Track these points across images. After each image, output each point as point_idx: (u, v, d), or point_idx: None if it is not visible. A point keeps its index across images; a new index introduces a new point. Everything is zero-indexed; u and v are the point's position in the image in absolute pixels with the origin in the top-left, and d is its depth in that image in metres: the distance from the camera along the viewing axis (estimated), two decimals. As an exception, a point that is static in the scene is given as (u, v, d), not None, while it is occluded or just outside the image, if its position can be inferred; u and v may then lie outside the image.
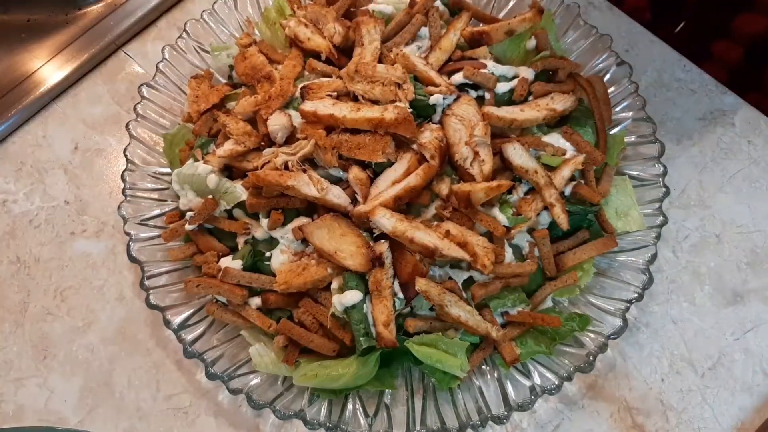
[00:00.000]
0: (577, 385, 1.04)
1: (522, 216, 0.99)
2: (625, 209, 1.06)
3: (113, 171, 1.24)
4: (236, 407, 1.04)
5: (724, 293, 1.10)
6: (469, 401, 0.97)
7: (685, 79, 1.26)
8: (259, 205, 1.01)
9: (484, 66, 1.07)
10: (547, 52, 1.13)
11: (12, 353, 1.10)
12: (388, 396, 1.00)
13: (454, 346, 0.95)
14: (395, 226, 0.93)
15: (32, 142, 1.27)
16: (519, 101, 1.07)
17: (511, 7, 1.24)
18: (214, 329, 1.03)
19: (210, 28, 1.22)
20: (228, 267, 0.99)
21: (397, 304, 0.95)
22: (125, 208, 1.07)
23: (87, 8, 1.36)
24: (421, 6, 1.15)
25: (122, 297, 1.13)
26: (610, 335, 0.96)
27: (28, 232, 1.19)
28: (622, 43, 1.28)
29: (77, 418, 1.05)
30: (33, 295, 1.14)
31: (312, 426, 0.93)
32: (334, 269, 0.96)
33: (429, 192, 0.99)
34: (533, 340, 1.00)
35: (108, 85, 1.32)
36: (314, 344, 0.96)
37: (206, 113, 1.13)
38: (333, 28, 1.12)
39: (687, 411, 1.03)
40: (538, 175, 1.00)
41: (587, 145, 1.04)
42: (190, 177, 1.05)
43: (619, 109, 1.13)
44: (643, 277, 1.00)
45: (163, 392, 1.06)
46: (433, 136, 0.97)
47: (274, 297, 0.99)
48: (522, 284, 0.99)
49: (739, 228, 1.14)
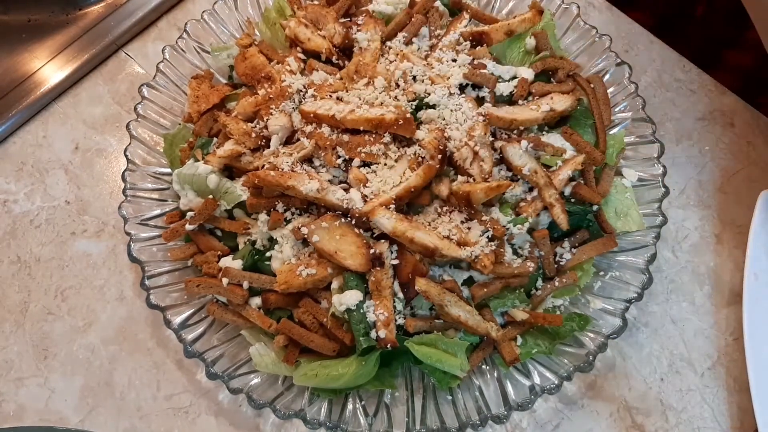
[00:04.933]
0: (576, 385, 1.04)
1: (522, 216, 0.99)
2: (625, 209, 1.06)
3: (114, 171, 1.24)
4: (236, 407, 1.04)
5: (724, 293, 1.10)
6: (469, 401, 0.97)
7: (685, 79, 1.26)
8: (259, 205, 1.01)
9: (484, 66, 1.07)
10: (546, 53, 1.13)
11: (13, 353, 1.10)
12: (388, 396, 1.00)
13: (454, 346, 0.95)
14: (395, 226, 0.93)
15: (33, 142, 1.27)
16: (519, 101, 1.07)
17: (511, 7, 1.24)
18: (214, 329, 1.03)
19: (210, 28, 1.22)
20: (228, 267, 1.00)
21: (397, 304, 0.95)
22: (126, 208, 1.07)
23: (87, 8, 1.36)
24: (421, 6, 1.15)
25: (123, 297, 1.13)
26: (609, 335, 0.97)
27: (28, 232, 1.19)
28: (622, 44, 1.28)
29: (78, 417, 1.06)
30: (34, 294, 1.14)
31: (312, 425, 0.93)
32: (334, 269, 0.96)
33: (429, 192, 0.99)
34: (533, 339, 1.00)
35: (108, 85, 1.32)
36: (314, 344, 0.96)
37: (206, 113, 1.13)
38: (333, 29, 1.12)
39: (686, 411, 1.03)
40: (538, 175, 1.00)
41: (587, 145, 1.04)
42: (190, 177, 1.05)
43: (618, 109, 1.13)
44: (642, 277, 1.01)
45: (163, 392, 1.06)
46: (433, 136, 0.97)
47: (275, 297, 0.99)
48: (522, 284, 1.00)
49: (739, 228, 1.14)
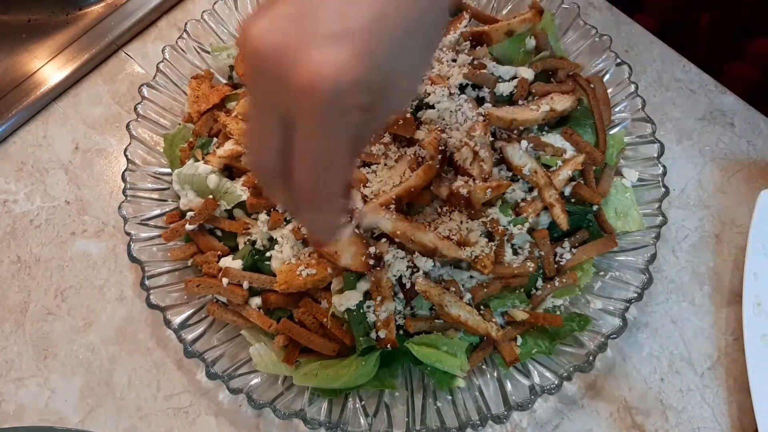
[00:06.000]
0: (576, 385, 1.04)
1: (522, 216, 0.99)
2: (625, 209, 1.06)
3: (114, 171, 1.24)
4: (236, 407, 1.04)
5: (724, 293, 1.10)
6: (469, 401, 0.97)
7: (685, 79, 1.26)
8: (259, 205, 1.01)
9: (484, 66, 1.07)
10: (546, 53, 1.13)
11: (12, 353, 1.10)
12: (388, 396, 1.00)
13: (454, 346, 0.95)
14: (395, 226, 0.93)
15: (33, 142, 1.27)
16: (519, 101, 1.07)
17: (511, 7, 1.24)
18: (214, 329, 1.03)
19: (210, 28, 1.22)
20: (228, 267, 1.00)
21: (397, 304, 0.95)
22: (126, 208, 1.07)
23: (87, 8, 1.35)
24: (421, 6, 1.15)
25: (123, 297, 1.13)
26: (609, 335, 0.97)
27: (28, 232, 1.19)
28: (622, 44, 1.28)
29: (78, 417, 1.06)
30: (33, 295, 1.14)
31: (312, 425, 0.93)
32: (334, 269, 0.96)
33: (429, 192, 0.99)
34: (533, 340, 1.00)
35: (108, 85, 1.32)
36: (314, 344, 0.96)
37: (207, 113, 1.13)
38: (333, 29, 1.12)
39: (686, 411, 1.03)
40: (538, 175, 1.00)
41: (587, 145, 1.04)
42: (190, 177, 1.05)
43: (618, 109, 1.13)
44: (642, 277, 1.00)
45: (163, 392, 1.06)
46: (433, 136, 0.97)
47: (275, 297, 0.99)
48: (522, 284, 1.00)
49: (739, 228, 1.14)
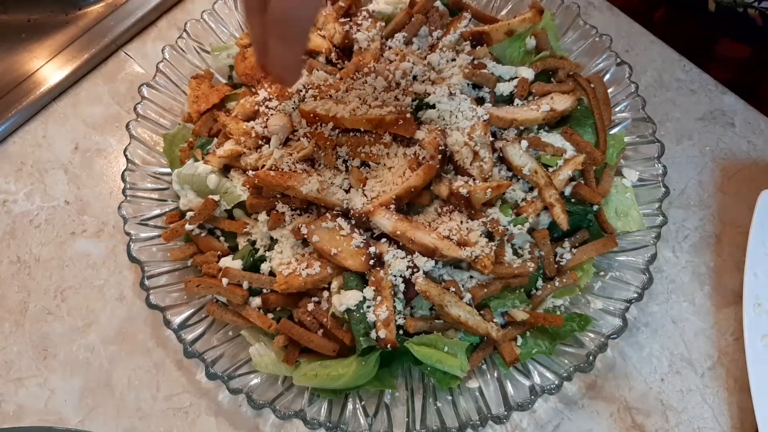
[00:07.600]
0: (576, 385, 1.04)
1: (522, 216, 0.99)
2: (625, 209, 1.06)
3: (113, 171, 1.24)
4: (236, 407, 1.04)
5: (724, 293, 1.10)
6: (469, 401, 0.97)
7: (685, 79, 1.26)
8: (259, 205, 1.01)
9: (484, 66, 1.07)
10: (547, 53, 1.12)
11: (12, 353, 1.10)
12: (388, 396, 1.00)
13: (454, 346, 0.95)
14: (395, 226, 0.93)
15: (32, 142, 1.27)
16: (519, 101, 1.07)
17: (511, 7, 1.24)
18: (214, 329, 1.03)
19: (210, 28, 1.22)
20: (228, 267, 0.99)
21: (397, 304, 0.95)
22: (125, 208, 1.07)
23: (87, 8, 1.35)
24: (421, 6, 1.15)
25: (122, 297, 1.13)
26: (609, 335, 0.96)
27: (28, 232, 1.19)
28: (622, 43, 1.28)
29: (77, 418, 1.05)
30: (33, 295, 1.14)
31: (312, 426, 0.93)
32: (334, 269, 0.96)
33: (429, 192, 0.99)
34: (533, 340, 1.00)
35: (108, 85, 1.32)
36: (314, 344, 0.96)
37: (206, 113, 1.13)
38: (333, 28, 1.12)
39: (687, 411, 1.03)
40: (538, 175, 1.00)
41: (587, 145, 1.04)
42: (190, 177, 1.05)
43: (618, 109, 1.13)
44: (642, 277, 1.00)
45: (163, 392, 1.06)
46: (433, 136, 0.97)
47: (274, 297, 0.99)
48: (522, 284, 0.99)
49: (739, 228, 1.13)
